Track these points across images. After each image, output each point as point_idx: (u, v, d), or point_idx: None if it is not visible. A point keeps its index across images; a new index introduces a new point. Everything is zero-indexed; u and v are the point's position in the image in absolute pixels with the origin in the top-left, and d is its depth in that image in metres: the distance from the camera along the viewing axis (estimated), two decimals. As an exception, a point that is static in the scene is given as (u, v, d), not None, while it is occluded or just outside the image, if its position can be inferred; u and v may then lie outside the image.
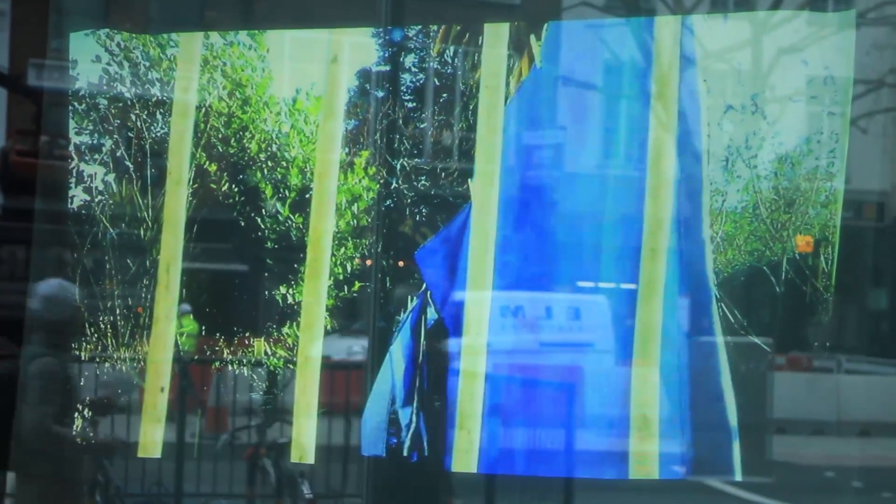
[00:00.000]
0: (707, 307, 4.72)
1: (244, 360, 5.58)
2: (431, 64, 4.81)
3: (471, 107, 4.77)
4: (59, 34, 5.48)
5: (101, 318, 5.73)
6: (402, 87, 4.90)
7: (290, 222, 5.07)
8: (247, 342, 5.57)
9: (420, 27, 4.78)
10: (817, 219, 4.48)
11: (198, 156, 5.26)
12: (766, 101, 4.58)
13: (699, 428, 4.81)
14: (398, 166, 4.85)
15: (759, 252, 4.56)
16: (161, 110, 5.33)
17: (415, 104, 4.91)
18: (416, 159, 4.86)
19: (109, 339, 5.56)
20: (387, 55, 4.88)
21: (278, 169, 5.09)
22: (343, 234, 4.97)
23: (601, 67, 4.83)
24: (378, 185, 4.90)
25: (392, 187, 4.90)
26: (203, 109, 5.20)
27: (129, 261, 5.34)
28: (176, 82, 5.30)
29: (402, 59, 4.87)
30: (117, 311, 5.61)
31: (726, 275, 4.57)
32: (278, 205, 5.10)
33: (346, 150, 4.90)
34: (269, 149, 5.05)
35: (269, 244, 5.22)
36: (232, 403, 12.28)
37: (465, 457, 4.74)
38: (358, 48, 4.94)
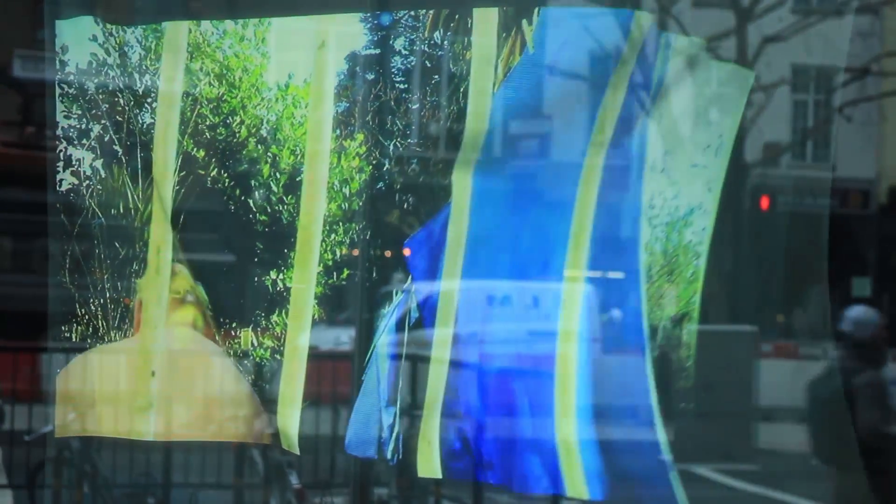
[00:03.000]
0: (640, 349, 4.72)
1: (232, 351, 5.58)
2: (421, 46, 4.79)
3: (461, 89, 4.73)
4: (50, 24, 5.45)
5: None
6: (393, 70, 4.89)
7: (281, 204, 5.07)
8: (234, 333, 5.58)
9: (409, 12, 4.78)
10: (684, 292, 4.51)
11: (185, 143, 5.25)
12: (675, 161, 4.49)
13: (629, 466, 4.77)
14: (391, 147, 4.83)
15: (647, 314, 4.58)
16: (149, 99, 5.32)
17: (405, 86, 4.89)
18: (407, 140, 4.83)
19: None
20: (376, 38, 4.87)
21: (270, 151, 5.08)
22: (334, 219, 4.97)
23: (589, 56, 4.78)
24: (370, 167, 4.88)
25: (384, 169, 4.88)
26: (191, 97, 5.19)
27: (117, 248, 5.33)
28: (161, 72, 5.29)
29: (391, 42, 4.87)
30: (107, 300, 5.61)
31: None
32: (272, 182, 5.09)
33: (338, 132, 4.89)
34: (259, 133, 5.04)
35: (259, 227, 5.22)
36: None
37: (428, 463, 4.75)
38: (346, 33, 4.95)
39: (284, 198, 5.14)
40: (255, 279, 5.33)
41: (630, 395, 4.78)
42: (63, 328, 5.63)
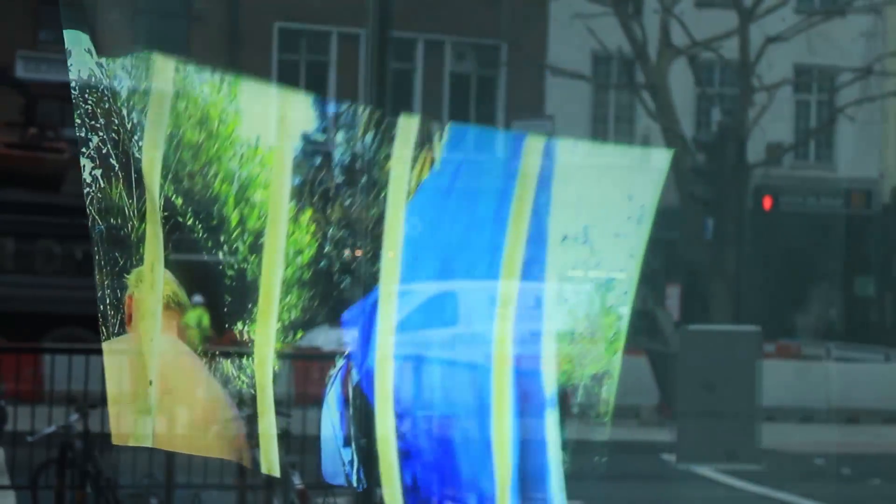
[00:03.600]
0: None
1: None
2: (356, 144, 5.05)
3: (382, 194, 5.00)
4: (57, 25, 5.50)
5: None
6: (334, 160, 5.13)
7: (246, 263, 5.23)
8: (217, 361, 5.69)
9: (350, 103, 5.03)
10: (606, 353, 4.68)
11: (166, 188, 5.35)
12: (595, 232, 4.74)
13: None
14: (330, 232, 5.08)
15: (569, 372, 4.77)
16: (138, 133, 5.41)
17: (343, 178, 5.15)
18: (342, 230, 5.10)
19: None
20: (324, 125, 5.11)
21: (239, 209, 5.26)
22: (290, 283, 5.17)
23: (494, 174, 5.02)
24: (316, 244, 5.14)
25: (325, 251, 5.13)
26: (175, 139, 5.34)
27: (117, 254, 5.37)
28: (148, 111, 5.42)
29: (335, 133, 5.11)
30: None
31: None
32: (239, 242, 5.25)
33: (294, 202, 5.11)
34: (232, 188, 5.21)
35: (227, 280, 5.39)
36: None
37: (393, 500, 4.98)
38: (303, 112, 5.16)
39: (249, 256, 5.32)
40: (227, 326, 5.49)
41: (531, 458, 4.98)
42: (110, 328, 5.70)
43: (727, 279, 23.65)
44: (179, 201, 5.44)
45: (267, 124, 5.20)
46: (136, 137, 5.40)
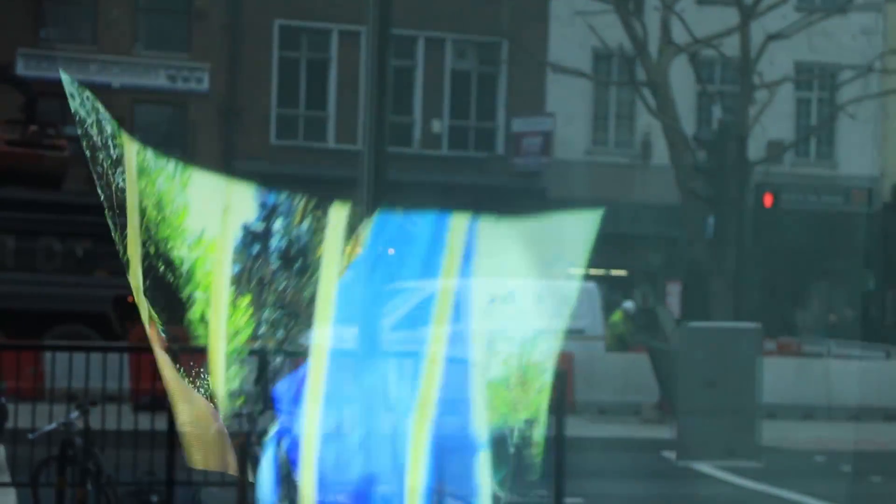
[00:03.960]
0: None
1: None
2: (294, 231, 5.33)
3: (313, 277, 5.28)
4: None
5: None
6: (272, 247, 5.41)
7: (196, 338, 5.56)
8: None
9: (287, 195, 5.30)
10: (535, 401, 4.94)
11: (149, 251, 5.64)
12: (521, 295, 5.03)
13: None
14: (264, 316, 5.38)
15: (507, 416, 5.04)
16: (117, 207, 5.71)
17: (279, 264, 5.44)
18: (276, 313, 5.40)
19: None
20: (264, 214, 5.38)
21: (186, 292, 5.57)
22: (231, 359, 5.45)
23: (416, 258, 5.28)
24: (252, 328, 5.45)
25: (259, 332, 5.43)
26: (144, 211, 5.62)
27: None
28: (128, 179, 5.72)
29: (272, 221, 5.38)
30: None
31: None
32: (189, 317, 5.56)
33: (234, 288, 5.40)
34: (179, 272, 5.51)
35: (175, 349, 5.70)
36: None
37: None
38: (245, 203, 5.44)
39: (198, 330, 5.61)
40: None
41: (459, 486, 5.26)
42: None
43: (728, 277, 23.67)
44: (160, 264, 5.71)
45: (212, 215, 5.45)
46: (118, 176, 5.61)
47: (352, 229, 5.12)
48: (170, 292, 5.53)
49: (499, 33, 28.79)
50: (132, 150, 5.52)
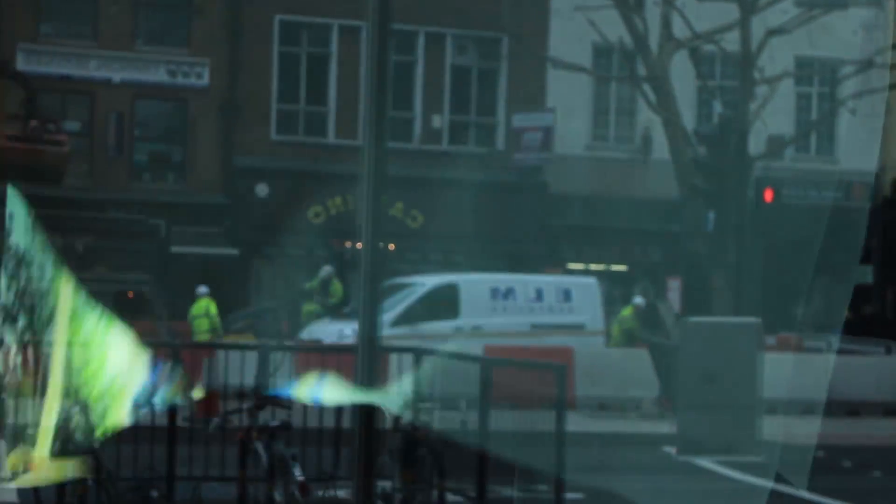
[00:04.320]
0: None
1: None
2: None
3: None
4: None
5: None
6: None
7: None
8: None
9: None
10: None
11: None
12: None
13: None
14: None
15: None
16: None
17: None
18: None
19: None
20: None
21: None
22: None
23: None
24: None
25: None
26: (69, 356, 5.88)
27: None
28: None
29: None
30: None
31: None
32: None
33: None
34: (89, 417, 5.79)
35: None
36: (223, 387, 12.29)
37: None
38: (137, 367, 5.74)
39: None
40: None
41: None
42: None
43: (728, 271, 23.65)
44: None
45: (121, 371, 5.68)
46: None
47: None
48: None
49: (499, 28, 28.77)
50: (69, 286, 5.76)
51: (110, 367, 5.62)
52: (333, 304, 21.65)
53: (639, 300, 20.83)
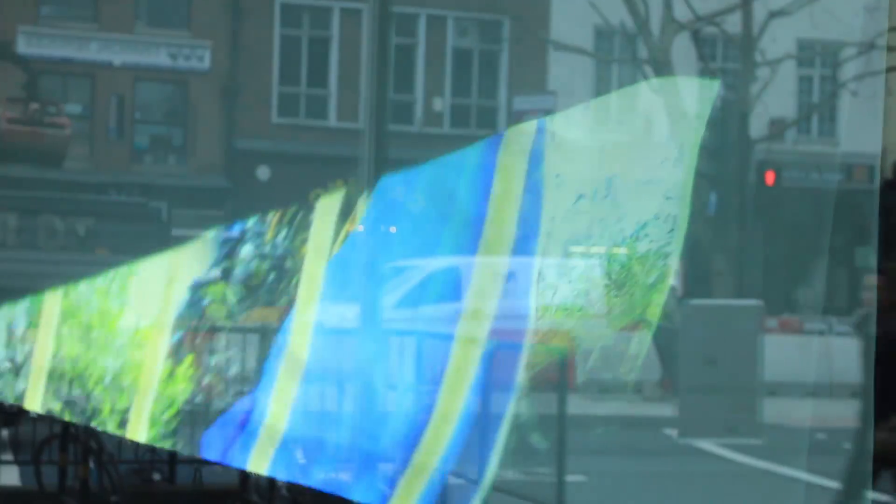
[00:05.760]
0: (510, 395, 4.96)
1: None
2: (264, 250, 5.28)
3: (293, 281, 5.20)
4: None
5: None
6: (231, 284, 5.39)
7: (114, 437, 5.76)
8: None
9: (258, 217, 5.28)
10: (642, 300, 4.57)
11: (47, 402, 5.84)
12: (620, 182, 4.57)
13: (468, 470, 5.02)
14: (212, 362, 5.40)
15: (581, 339, 4.73)
16: (25, 368, 5.94)
17: (241, 295, 5.42)
18: (229, 351, 5.44)
19: None
20: (222, 254, 5.37)
21: (111, 397, 5.66)
22: (153, 440, 5.55)
23: (433, 200, 5.04)
24: (193, 385, 5.48)
25: (203, 384, 5.46)
26: (58, 358, 5.78)
27: None
28: (37, 342, 5.92)
29: (236, 254, 5.35)
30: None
31: (542, 365, 4.76)
32: (109, 422, 5.69)
33: (170, 360, 5.44)
34: (104, 381, 5.62)
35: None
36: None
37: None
38: (195, 259, 5.47)
39: (117, 432, 5.75)
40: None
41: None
42: None
43: (729, 254, 23.65)
44: (58, 407, 5.81)
45: (153, 299, 5.47)
46: (18, 380, 5.81)
47: (346, 212, 5.04)
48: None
49: (500, 11, 28.73)
50: (54, 303, 5.69)
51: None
52: None
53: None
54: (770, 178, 27.46)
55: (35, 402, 5.82)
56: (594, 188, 4.66)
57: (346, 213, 5.18)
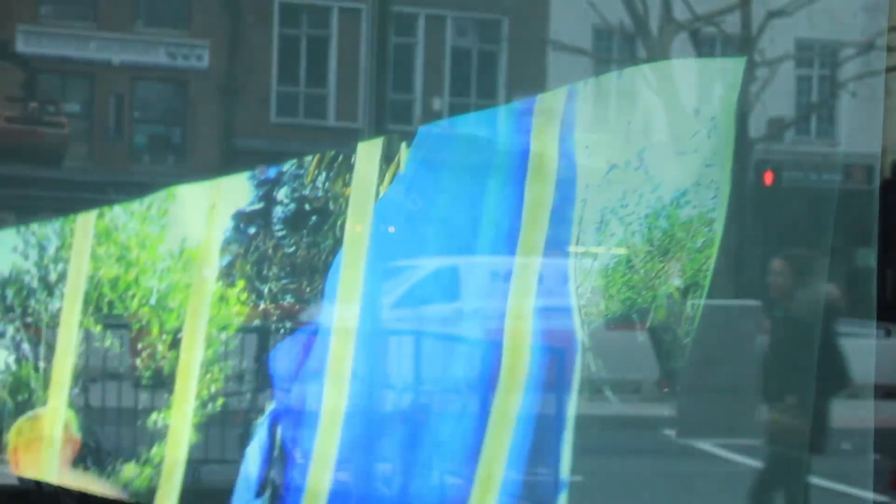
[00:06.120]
0: (571, 360, 4.95)
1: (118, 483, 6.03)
2: (302, 192, 5.30)
3: (339, 222, 5.19)
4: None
5: None
6: (273, 220, 5.39)
7: (164, 360, 5.66)
8: (118, 467, 6.20)
9: (296, 161, 5.31)
10: (690, 264, 4.59)
11: (85, 322, 5.80)
12: (651, 154, 4.58)
13: (532, 477, 4.98)
14: (265, 290, 5.39)
15: (630, 300, 4.75)
16: (61, 285, 5.91)
17: (283, 232, 5.42)
18: (283, 281, 5.41)
19: None
20: (261, 193, 5.38)
21: (158, 316, 5.65)
22: (210, 362, 5.49)
23: (471, 156, 5.02)
24: (248, 309, 5.48)
25: (260, 309, 5.46)
26: (95, 279, 5.77)
27: None
28: (71, 258, 5.91)
29: (275, 194, 5.39)
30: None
31: (596, 324, 4.77)
32: (158, 343, 5.68)
33: (221, 283, 5.44)
34: (149, 302, 5.62)
35: (143, 381, 5.85)
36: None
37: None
38: (235, 192, 5.48)
39: (167, 353, 5.73)
40: (139, 422, 5.94)
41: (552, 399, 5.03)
42: None
43: (728, 254, 23.67)
44: (99, 328, 5.79)
45: (193, 222, 5.44)
46: (57, 290, 5.74)
47: (389, 157, 5.00)
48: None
49: (499, 10, 28.74)
50: (89, 222, 5.64)
51: None
52: None
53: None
54: (769, 178, 27.46)
55: (72, 322, 5.82)
56: (626, 159, 4.68)
57: (389, 157, 5.17)
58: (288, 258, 5.44)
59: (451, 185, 5.13)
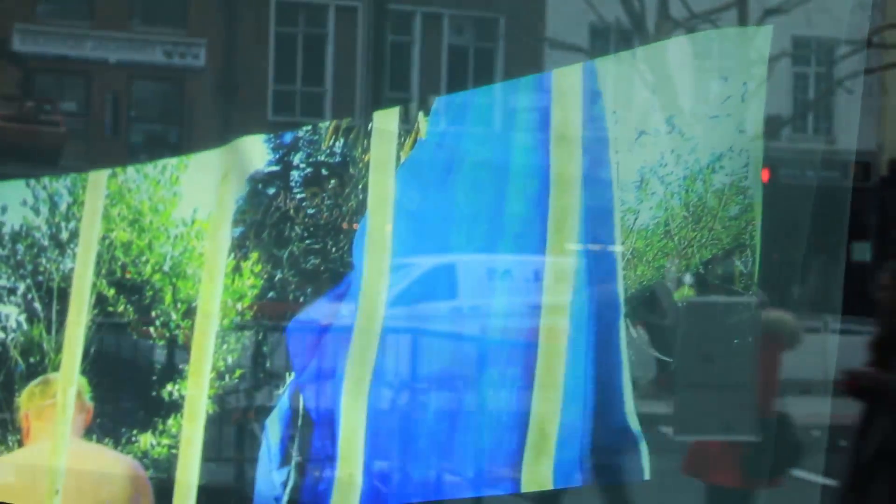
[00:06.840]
0: (615, 323, 4.97)
1: (133, 452, 5.98)
2: (320, 157, 5.28)
3: (360, 185, 5.16)
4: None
5: None
6: (292, 182, 5.34)
7: (179, 329, 5.58)
8: (133, 438, 6.11)
9: (310, 127, 5.28)
10: (725, 232, 4.61)
11: (98, 284, 5.71)
12: (683, 120, 4.54)
13: (600, 438, 4.94)
14: (285, 255, 5.35)
15: (665, 268, 4.76)
16: (72, 244, 5.81)
17: (304, 194, 5.38)
18: (306, 241, 5.34)
19: None
20: (277, 156, 5.34)
21: (172, 283, 5.60)
22: (226, 331, 5.43)
23: (494, 122, 4.98)
24: (262, 281, 5.44)
25: (276, 279, 5.42)
26: (108, 240, 5.70)
27: None
28: (83, 217, 5.83)
29: (291, 158, 5.34)
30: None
31: (634, 290, 4.80)
32: (171, 311, 5.61)
33: (235, 253, 5.40)
34: (163, 268, 5.56)
35: (158, 349, 5.78)
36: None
37: (346, 497, 5.05)
38: (250, 157, 5.42)
39: (181, 323, 5.67)
40: (154, 392, 5.83)
41: (603, 371, 5.02)
42: None
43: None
44: (112, 292, 5.73)
45: (208, 192, 5.40)
46: (69, 249, 5.69)
47: (408, 124, 4.99)
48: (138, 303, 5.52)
49: (496, 9, 28.75)
50: (101, 181, 5.59)
51: None
52: None
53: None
54: (765, 175, 27.48)
55: (84, 284, 5.74)
56: (654, 127, 4.68)
57: (408, 124, 5.16)
58: (311, 218, 5.40)
59: (474, 150, 5.10)
